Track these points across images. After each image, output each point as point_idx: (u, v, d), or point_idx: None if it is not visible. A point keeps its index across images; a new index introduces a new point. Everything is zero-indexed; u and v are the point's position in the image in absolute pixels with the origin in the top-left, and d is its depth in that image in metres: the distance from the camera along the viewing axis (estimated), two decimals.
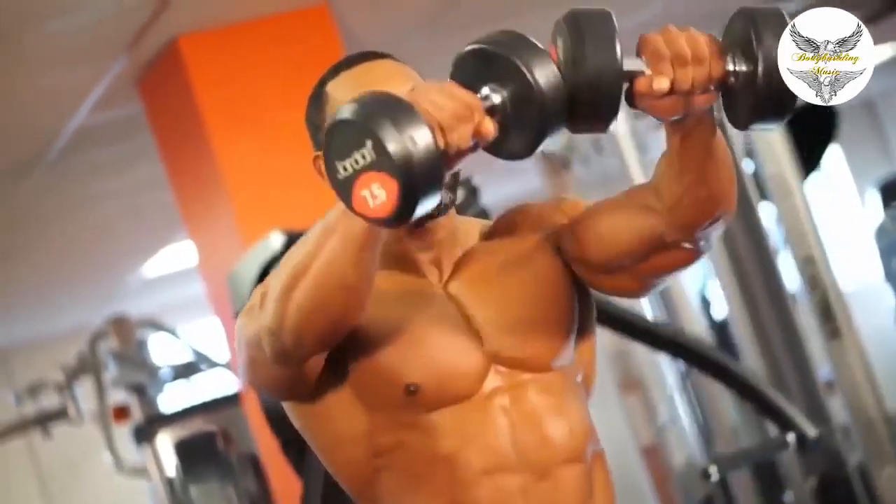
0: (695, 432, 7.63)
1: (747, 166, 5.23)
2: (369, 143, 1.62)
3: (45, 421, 7.22)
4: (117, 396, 6.91)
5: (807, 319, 5.08)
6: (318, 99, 2.05)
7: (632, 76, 1.74)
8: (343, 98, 1.99)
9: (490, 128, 1.71)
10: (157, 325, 7.10)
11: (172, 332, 7.04)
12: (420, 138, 1.62)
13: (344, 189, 1.67)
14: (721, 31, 1.80)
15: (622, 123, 5.26)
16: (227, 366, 6.55)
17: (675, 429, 8.13)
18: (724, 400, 5.57)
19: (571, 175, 5.72)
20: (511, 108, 1.72)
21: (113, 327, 6.76)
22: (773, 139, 4.96)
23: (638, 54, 1.76)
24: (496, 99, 1.72)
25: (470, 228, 2.11)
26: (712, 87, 1.77)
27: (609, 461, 2.10)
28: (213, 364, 6.89)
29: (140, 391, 6.70)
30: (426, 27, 5.78)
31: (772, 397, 4.39)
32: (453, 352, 1.98)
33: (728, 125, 1.85)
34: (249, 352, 1.93)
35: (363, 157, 1.63)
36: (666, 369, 7.94)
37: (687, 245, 1.95)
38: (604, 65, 1.71)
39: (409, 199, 1.63)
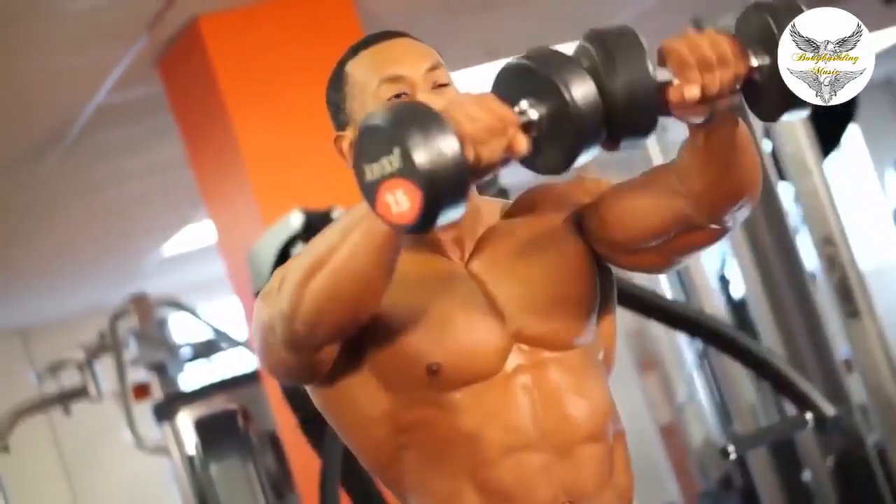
0: (713, 411, 7.64)
1: (766, 146, 5.21)
2: (397, 151, 1.63)
3: (65, 399, 7.25)
4: (137, 375, 6.94)
5: (825, 299, 5.08)
6: (337, 79, 2.06)
7: (661, 86, 1.74)
8: (362, 77, 2.02)
9: (523, 144, 1.71)
10: (177, 304, 7.12)
11: (192, 310, 7.05)
12: (448, 150, 1.63)
13: (369, 192, 1.68)
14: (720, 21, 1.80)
15: None
16: (247, 344, 6.57)
17: (693, 408, 8.14)
18: (742, 379, 5.57)
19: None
20: (547, 125, 1.71)
21: (133, 306, 6.78)
22: None
23: (661, 63, 1.75)
24: (533, 115, 1.71)
25: (491, 208, 2.12)
26: (738, 86, 1.78)
27: (627, 440, 2.10)
28: (233, 343, 6.91)
29: (160, 370, 6.73)
30: (445, 6, 5.78)
31: (790, 376, 4.39)
32: (475, 331, 1.98)
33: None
34: (263, 334, 1.95)
35: (390, 163, 1.64)
36: (684, 348, 7.95)
37: (714, 226, 1.96)
38: (638, 80, 1.71)
39: (431, 209, 1.64)
